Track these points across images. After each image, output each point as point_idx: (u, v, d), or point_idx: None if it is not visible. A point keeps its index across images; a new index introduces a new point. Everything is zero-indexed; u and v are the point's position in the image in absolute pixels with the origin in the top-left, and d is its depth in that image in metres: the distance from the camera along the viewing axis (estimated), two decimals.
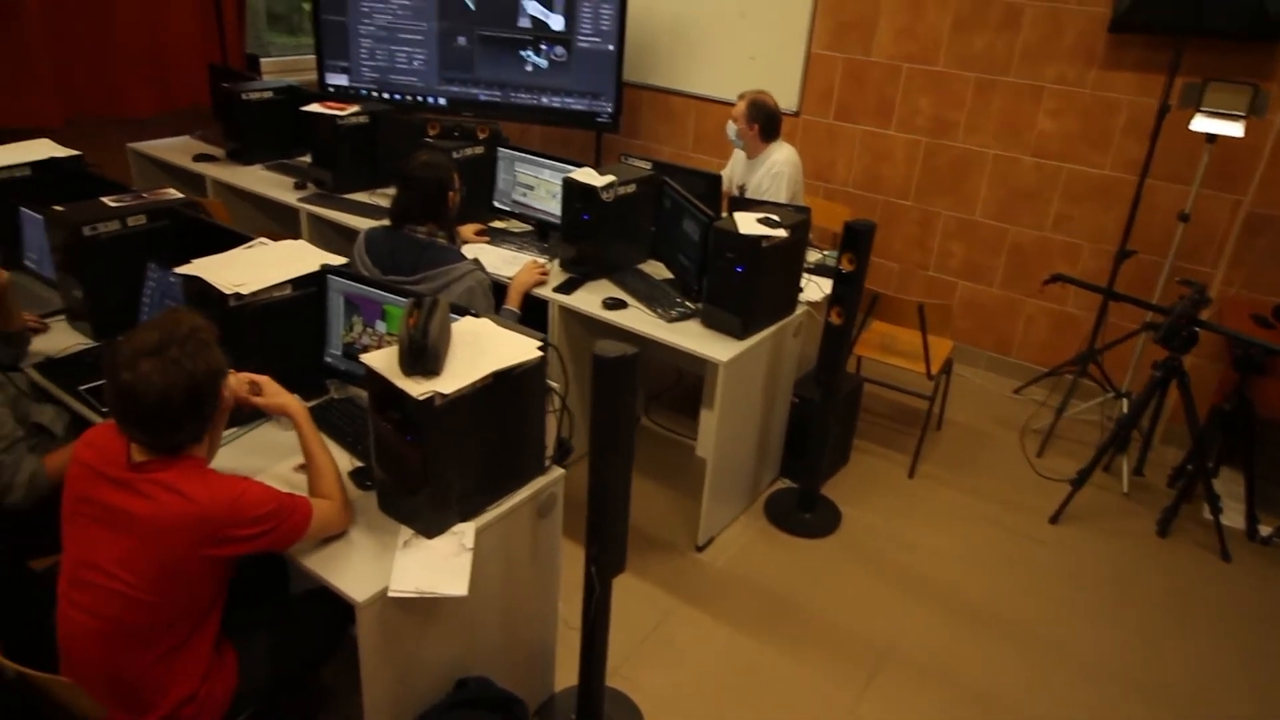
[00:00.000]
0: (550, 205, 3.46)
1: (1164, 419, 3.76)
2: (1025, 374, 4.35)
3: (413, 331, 1.70)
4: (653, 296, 3.06)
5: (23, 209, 2.76)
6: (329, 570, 1.72)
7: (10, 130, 3.03)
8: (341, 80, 4.86)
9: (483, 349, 1.85)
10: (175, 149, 4.28)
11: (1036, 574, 3.09)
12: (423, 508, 1.81)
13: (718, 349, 2.78)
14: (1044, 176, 4.11)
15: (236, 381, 1.74)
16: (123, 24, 4.28)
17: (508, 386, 1.84)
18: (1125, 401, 3.80)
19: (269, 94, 4.14)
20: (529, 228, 3.60)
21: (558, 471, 2.08)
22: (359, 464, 2.05)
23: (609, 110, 4.82)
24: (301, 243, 2.36)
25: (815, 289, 3.23)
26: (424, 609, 1.81)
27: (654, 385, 4.04)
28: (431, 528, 1.82)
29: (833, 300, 2.94)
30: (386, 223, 2.89)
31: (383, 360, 1.76)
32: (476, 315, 2.02)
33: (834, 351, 3.00)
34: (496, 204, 3.63)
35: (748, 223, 2.80)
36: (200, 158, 4.17)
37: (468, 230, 3.46)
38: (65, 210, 2.42)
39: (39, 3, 3.97)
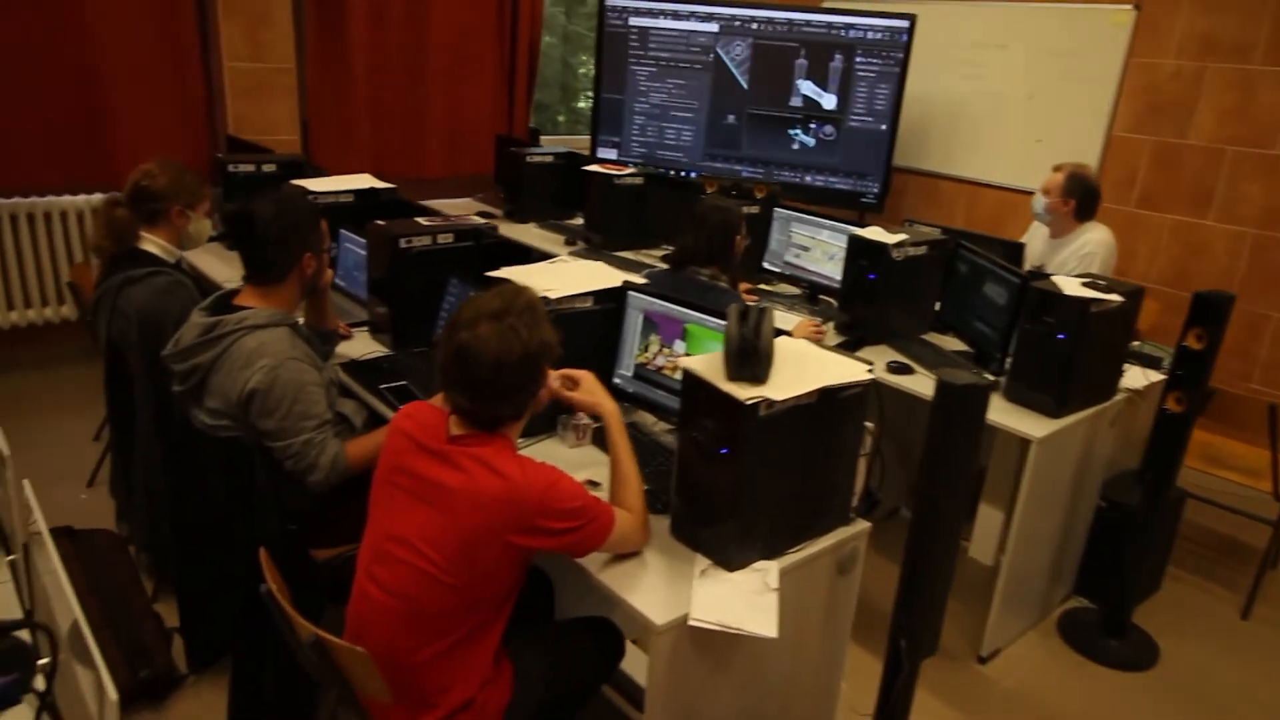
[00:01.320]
0: (825, 267, 3.29)
1: None
2: None
3: (744, 331, 1.55)
4: (942, 365, 2.76)
5: (343, 230, 2.97)
6: (624, 588, 1.55)
7: None
8: (611, 154, 5.06)
9: (806, 368, 1.66)
10: (459, 207, 4.59)
11: None
12: (725, 536, 1.61)
13: (1028, 425, 2.42)
14: None
15: (552, 375, 1.66)
16: (430, 99, 4.74)
17: (832, 410, 1.63)
18: None
19: (549, 158, 4.36)
20: (798, 291, 3.44)
21: (863, 525, 1.82)
22: (647, 487, 1.89)
23: (875, 190, 4.66)
24: (601, 263, 2.32)
25: (1138, 375, 2.79)
26: (717, 649, 1.58)
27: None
28: (732, 560, 1.61)
29: (1171, 384, 2.50)
30: (664, 267, 2.85)
31: (703, 364, 1.61)
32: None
33: (1169, 445, 2.53)
34: (766, 265, 3.52)
35: (1071, 285, 2.47)
36: (481, 215, 4.43)
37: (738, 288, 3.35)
38: (386, 224, 2.55)
39: (365, 79, 4.48)
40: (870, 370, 1.68)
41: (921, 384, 2.65)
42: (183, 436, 2.08)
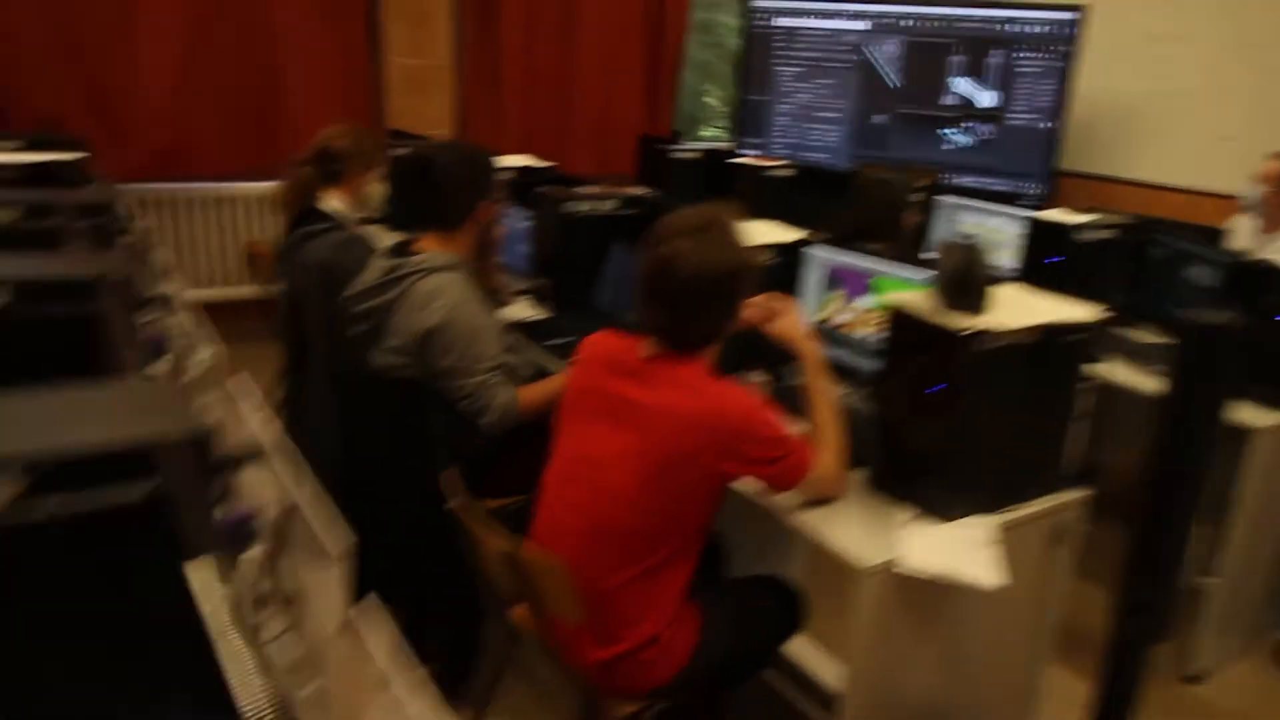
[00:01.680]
0: (993, 257, 3.10)
1: None
2: None
3: (958, 260, 1.43)
4: (1135, 352, 2.53)
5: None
6: (822, 533, 1.44)
7: None
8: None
9: (1024, 306, 1.52)
10: None
11: None
12: (933, 485, 1.47)
13: (1245, 416, 2.17)
14: None
15: (751, 302, 1.56)
16: (577, 100, 4.84)
17: (1053, 353, 1.48)
18: None
19: (694, 154, 4.33)
20: None
21: (1080, 492, 1.64)
22: None
23: (1037, 192, 4.40)
24: (776, 224, 2.24)
25: None
26: (923, 607, 1.45)
27: (1109, 478, 3.35)
28: (942, 511, 1.47)
29: None
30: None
31: (909, 300, 1.50)
32: None
33: None
34: (929, 255, 3.35)
35: None
36: None
37: None
38: (551, 191, 2.56)
39: (516, 78, 4.61)
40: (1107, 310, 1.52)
41: (1111, 372, 2.44)
42: (356, 389, 2.11)
